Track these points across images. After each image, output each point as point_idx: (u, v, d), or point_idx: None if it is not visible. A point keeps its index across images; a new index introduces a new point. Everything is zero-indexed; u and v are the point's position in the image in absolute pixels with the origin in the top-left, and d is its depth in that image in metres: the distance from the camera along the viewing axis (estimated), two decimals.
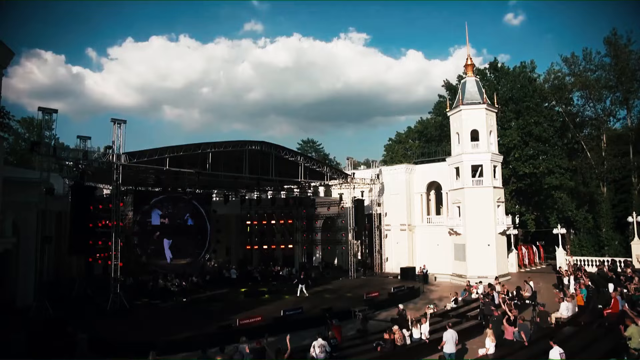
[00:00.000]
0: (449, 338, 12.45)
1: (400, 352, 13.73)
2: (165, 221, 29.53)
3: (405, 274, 32.41)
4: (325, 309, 19.88)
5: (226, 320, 17.45)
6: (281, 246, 36.51)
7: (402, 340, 13.80)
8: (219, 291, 25.86)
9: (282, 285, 28.53)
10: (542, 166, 36.54)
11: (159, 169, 23.26)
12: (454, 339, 12.56)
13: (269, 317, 18.17)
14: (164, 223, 29.51)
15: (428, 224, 36.75)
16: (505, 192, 34.45)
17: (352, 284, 30.20)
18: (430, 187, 38.05)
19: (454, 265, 32.74)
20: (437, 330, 15.42)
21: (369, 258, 36.69)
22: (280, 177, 29.00)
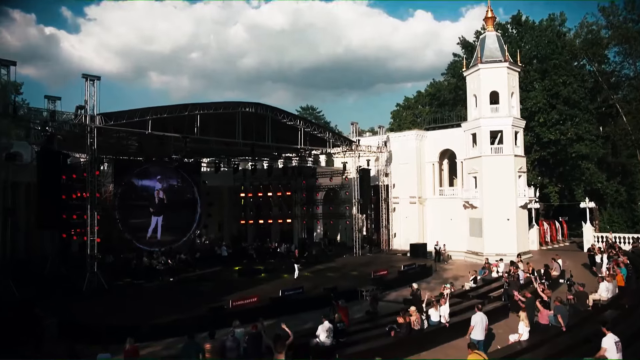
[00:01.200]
0: (477, 322, 11.51)
1: (417, 337, 12.95)
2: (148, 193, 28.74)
3: (416, 251, 31.89)
4: (329, 289, 19.33)
5: (218, 301, 16.94)
6: (279, 221, 36.23)
7: (419, 324, 12.85)
8: (210, 270, 25.43)
9: (280, 263, 28.05)
10: (570, 132, 35.12)
11: (140, 132, 21.97)
12: (484, 324, 11.61)
13: (265, 297, 17.63)
14: (147, 195, 28.89)
15: (440, 196, 36.03)
16: (527, 161, 33.54)
17: (357, 261, 29.84)
18: (443, 156, 37.19)
19: (469, 242, 32.16)
20: (456, 313, 14.78)
21: (375, 234, 36.39)
22: (277, 143, 28.07)
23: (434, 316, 13.66)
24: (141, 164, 28.76)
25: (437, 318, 13.69)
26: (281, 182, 35.57)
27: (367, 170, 34.72)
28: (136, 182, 28.72)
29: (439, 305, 13.88)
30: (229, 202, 38.31)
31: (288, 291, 18.55)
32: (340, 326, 12.68)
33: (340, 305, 14.60)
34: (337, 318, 12.92)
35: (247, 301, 16.86)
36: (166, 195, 29.68)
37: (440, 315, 13.73)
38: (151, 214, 28.44)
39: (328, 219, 37.30)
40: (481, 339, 11.53)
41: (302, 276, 23.40)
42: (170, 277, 23.28)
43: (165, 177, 29.90)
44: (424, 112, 49.41)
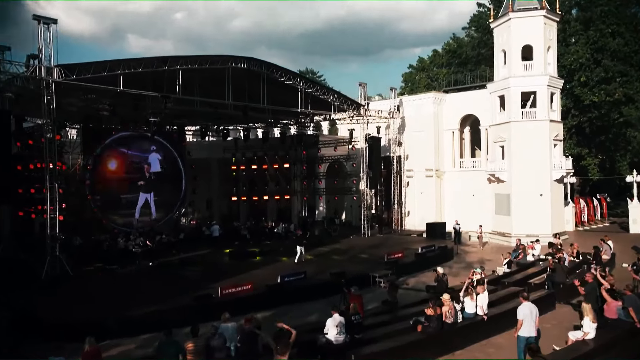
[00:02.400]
0: (526, 315, 10.13)
1: (450, 332, 11.65)
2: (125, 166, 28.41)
3: (432, 231, 31.15)
4: (335, 274, 18.43)
5: (204, 289, 16.17)
6: (275, 197, 35.54)
7: (453, 316, 11.49)
8: (196, 253, 24.92)
9: (278, 244, 27.47)
10: (618, 93, 33.32)
11: (110, 90, 20.25)
12: (534, 317, 10.23)
13: (261, 284, 16.79)
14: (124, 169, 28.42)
15: (461, 169, 35.11)
16: (563, 128, 32.30)
17: (366, 243, 29.19)
18: (465, 122, 36.05)
19: (495, 221, 31.29)
20: (492, 304, 13.52)
21: (386, 212, 35.89)
22: (274, 106, 26.46)
23: (470, 307, 12.31)
24: (114, 131, 27.93)
25: (472, 309, 12.38)
26: (278, 152, 34.71)
27: (377, 138, 33.51)
28: (111, 152, 28.02)
29: (474, 294, 12.36)
30: (218, 176, 37.79)
31: (288, 277, 17.77)
32: (355, 319, 11.38)
33: (353, 294, 13.40)
34: (352, 309, 11.59)
35: (239, 289, 16.06)
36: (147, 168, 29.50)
37: (477, 306, 12.31)
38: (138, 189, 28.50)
39: (332, 195, 36.67)
40: (532, 335, 10.14)
41: (303, 260, 22.64)
42: (149, 261, 22.46)
43: (145, 146, 29.48)
44: (441, 74, 47.60)
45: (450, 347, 11.60)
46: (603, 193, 37.94)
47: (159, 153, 30.35)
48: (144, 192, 29.09)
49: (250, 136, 34.19)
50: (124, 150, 28.46)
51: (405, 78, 54.13)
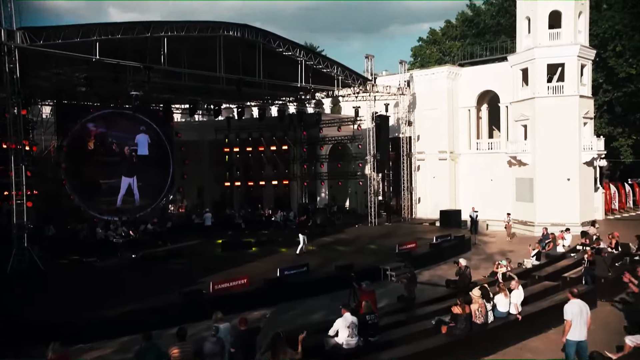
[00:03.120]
0: (576, 314, 9.18)
1: (480, 334, 10.76)
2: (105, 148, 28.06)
3: (447, 220, 30.61)
4: (342, 266, 17.86)
5: (194, 284, 15.76)
6: (273, 182, 35.18)
7: (483, 316, 10.58)
8: (185, 243, 24.59)
9: (276, 234, 27.19)
10: None
11: (85, 60, 19.24)
12: (585, 317, 9.30)
13: (258, 279, 16.44)
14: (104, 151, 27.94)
15: (478, 151, 34.55)
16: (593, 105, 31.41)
17: (374, 232, 28.89)
18: (483, 99, 35.31)
19: (516, 208, 30.71)
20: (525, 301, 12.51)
21: (394, 198, 35.81)
22: (271, 80, 25.86)
23: (502, 305, 11.35)
24: (93, 109, 27.47)
25: (505, 307, 11.42)
26: (276, 133, 34.32)
27: (386, 117, 33.23)
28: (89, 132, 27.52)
29: (507, 291, 11.47)
30: (209, 159, 37.44)
31: (288, 270, 17.46)
32: (370, 319, 10.54)
33: (364, 289, 12.62)
34: (366, 307, 10.74)
35: (233, 284, 15.61)
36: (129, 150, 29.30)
37: (511, 304, 11.33)
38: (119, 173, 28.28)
39: (335, 180, 36.13)
40: (583, 339, 9.18)
41: (305, 251, 22.19)
42: (132, 253, 21.92)
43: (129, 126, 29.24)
44: (455, 47, 46.44)
45: (480, 352, 10.74)
46: (636, 178, 37.00)
47: (147, 134, 30.09)
48: (127, 177, 28.74)
49: (244, 115, 33.56)
50: (104, 130, 27.91)
51: (414, 52, 52.89)
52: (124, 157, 28.75)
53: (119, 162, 28.45)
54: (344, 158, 35.72)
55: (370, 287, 12.84)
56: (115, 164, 28.26)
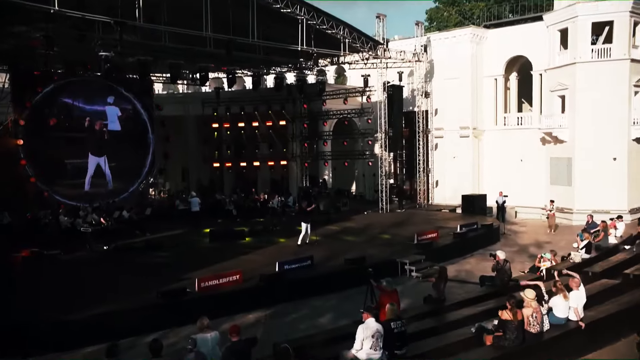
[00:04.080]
0: None
1: (536, 347, 9.57)
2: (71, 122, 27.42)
3: (470, 206, 30.00)
4: (353, 260, 17.46)
5: (176, 281, 15.30)
6: (269, 163, 35.23)
7: (539, 323, 9.48)
8: (167, 233, 24.38)
9: (273, 222, 26.65)
10: None
11: (43, 13, 17.97)
12: None
13: (253, 275, 15.80)
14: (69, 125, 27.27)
15: (505, 126, 33.73)
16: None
17: (386, 220, 28.55)
18: (512, 67, 34.32)
19: (550, 193, 29.79)
20: None
21: (408, 182, 35.80)
22: (267, 42, 24.92)
23: (560, 310, 10.18)
24: (56, 76, 26.80)
25: (564, 313, 10.25)
26: (272, 106, 34.06)
27: (399, 87, 32.20)
28: (51, 103, 27.05)
29: (565, 291, 10.34)
30: (195, 136, 37.45)
31: (289, 264, 16.93)
32: (396, 326, 9.38)
33: (384, 289, 11.49)
34: (391, 312, 9.61)
35: (223, 281, 14.99)
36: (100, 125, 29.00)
37: (570, 308, 10.12)
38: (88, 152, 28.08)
39: (340, 161, 35.91)
40: None
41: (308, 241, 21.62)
42: (103, 244, 21.35)
43: (99, 97, 28.88)
44: (477, 8, 45.44)
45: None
46: None
47: (119, 106, 29.62)
48: (95, 156, 28.38)
49: (235, 86, 32.86)
50: (69, 101, 27.30)
51: (430, 15, 51.63)
52: (93, 132, 28.22)
53: (87, 138, 28.00)
54: (351, 135, 35.27)
55: (391, 286, 11.63)
56: (83, 140, 27.82)
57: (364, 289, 14.16)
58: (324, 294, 15.64)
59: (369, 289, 12.36)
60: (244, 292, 14.76)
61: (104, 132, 28.61)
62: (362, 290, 14.29)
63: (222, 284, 14.75)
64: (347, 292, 15.34)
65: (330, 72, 38.11)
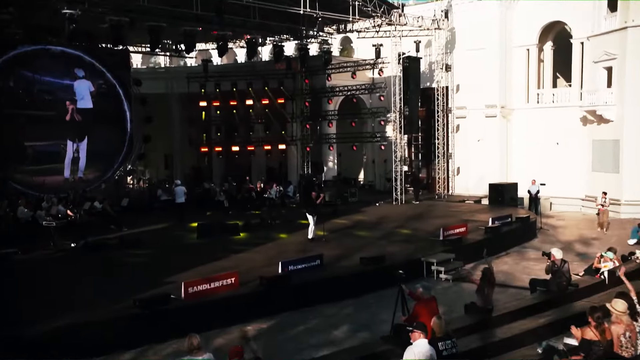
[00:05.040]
0: None
1: None
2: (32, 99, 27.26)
3: (499, 196, 29.74)
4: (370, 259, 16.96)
5: (158, 286, 14.70)
6: (265, 147, 35.42)
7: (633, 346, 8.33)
8: (147, 228, 24.23)
9: (272, 215, 26.29)
10: None
11: None
12: None
13: (251, 277, 15.16)
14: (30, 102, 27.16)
15: (539, 104, 32.90)
16: None
17: (402, 213, 28.41)
18: (546, 35, 33.41)
19: (593, 181, 29.57)
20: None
21: (424, 169, 36.30)
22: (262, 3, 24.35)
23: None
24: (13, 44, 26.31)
25: None
26: (269, 81, 33.90)
27: (416, 59, 31.65)
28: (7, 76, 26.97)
29: None
30: (180, 117, 37.47)
31: (294, 264, 16.33)
32: (445, 347, 8.32)
33: (421, 296, 10.54)
34: (438, 327, 8.53)
35: (215, 285, 14.22)
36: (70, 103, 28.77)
37: None
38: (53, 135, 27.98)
39: (347, 145, 35.60)
40: None
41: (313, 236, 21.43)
42: (71, 241, 20.69)
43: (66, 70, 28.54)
44: None
45: None
46: None
47: (90, 81, 29.29)
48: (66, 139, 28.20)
49: (227, 58, 33.38)
50: (29, 74, 26.96)
51: None
52: (62, 112, 27.84)
53: (53, 117, 27.66)
54: (360, 115, 35.12)
55: (429, 292, 10.55)
56: (47, 120, 27.44)
57: (384, 294, 14.19)
58: (337, 300, 15.03)
59: (399, 296, 11.25)
60: (241, 298, 14.01)
61: (74, 110, 28.31)
62: (381, 296, 14.53)
63: (214, 289, 14.01)
64: (365, 298, 15.07)
65: (336, 42, 37.81)
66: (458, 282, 16.81)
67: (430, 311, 9.89)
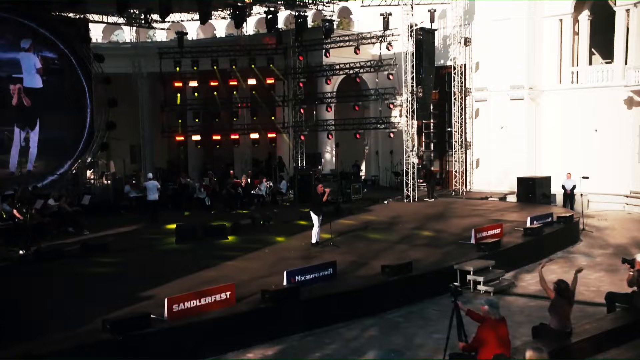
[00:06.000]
0: None
1: None
2: None
3: (529, 192, 29.46)
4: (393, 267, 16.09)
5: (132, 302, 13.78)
6: (251, 135, 35.29)
7: None
8: (114, 231, 23.93)
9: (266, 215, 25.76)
10: None
11: None
12: None
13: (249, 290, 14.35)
14: None
15: (573, 85, 32.61)
16: None
17: (417, 212, 28.14)
18: (582, 4, 32.98)
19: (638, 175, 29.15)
20: None
21: (437, 161, 36.18)
22: None
23: None
24: None
25: None
26: (257, 58, 33.69)
27: (431, 32, 31.14)
28: None
29: None
30: (150, 100, 37.54)
31: (302, 274, 15.40)
32: None
33: (487, 315, 9.30)
34: None
35: (206, 301, 13.20)
36: None
37: None
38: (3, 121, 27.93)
39: (348, 133, 35.33)
40: None
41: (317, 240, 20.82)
42: (20, 247, 19.97)
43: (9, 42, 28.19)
44: None
45: None
46: None
47: (38, 54, 28.75)
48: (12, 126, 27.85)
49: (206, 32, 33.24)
50: None
51: None
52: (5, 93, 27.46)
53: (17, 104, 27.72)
54: (364, 98, 34.66)
55: (498, 312, 9.12)
56: None
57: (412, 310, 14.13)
58: (356, 318, 14.18)
59: (453, 316, 9.85)
60: (238, 317, 12.90)
61: (20, 91, 27.92)
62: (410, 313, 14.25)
63: (205, 306, 12.86)
64: (390, 315, 14.33)
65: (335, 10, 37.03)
66: (500, 295, 15.87)
67: (500, 337, 8.91)
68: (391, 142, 33.98)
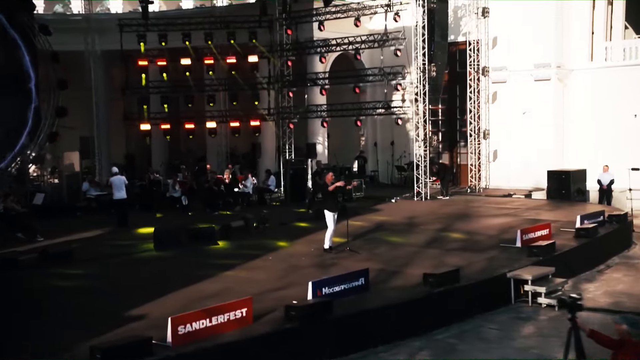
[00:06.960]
0: None
1: None
2: None
3: (562, 188, 29.15)
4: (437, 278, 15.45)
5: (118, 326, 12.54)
6: (231, 124, 35.02)
7: None
8: (73, 236, 23.27)
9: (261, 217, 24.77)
10: None
11: None
12: None
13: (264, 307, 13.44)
14: None
15: (607, 63, 32.40)
16: None
17: (433, 210, 27.94)
18: None
19: None
20: None
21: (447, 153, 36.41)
22: None
23: None
24: None
25: None
26: (237, 32, 33.16)
27: (444, 1, 30.71)
28: None
29: None
30: (108, 83, 37.81)
31: (329, 286, 14.45)
32: None
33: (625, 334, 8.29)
34: None
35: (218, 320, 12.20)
36: None
37: None
38: None
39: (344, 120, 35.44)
40: None
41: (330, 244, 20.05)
42: None
43: None
44: None
45: None
46: None
47: None
48: None
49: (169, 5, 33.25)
50: None
51: None
52: None
53: None
54: (363, 80, 34.18)
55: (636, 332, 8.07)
56: None
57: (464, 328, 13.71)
58: (398, 339, 13.29)
59: (571, 336, 8.66)
60: (259, 341, 11.77)
61: None
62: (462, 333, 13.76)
63: (217, 327, 11.74)
64: (439, 335, 13.51)
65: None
66: (562, 309, 14.73)
67: None
68: (392, 132, 33.70)
